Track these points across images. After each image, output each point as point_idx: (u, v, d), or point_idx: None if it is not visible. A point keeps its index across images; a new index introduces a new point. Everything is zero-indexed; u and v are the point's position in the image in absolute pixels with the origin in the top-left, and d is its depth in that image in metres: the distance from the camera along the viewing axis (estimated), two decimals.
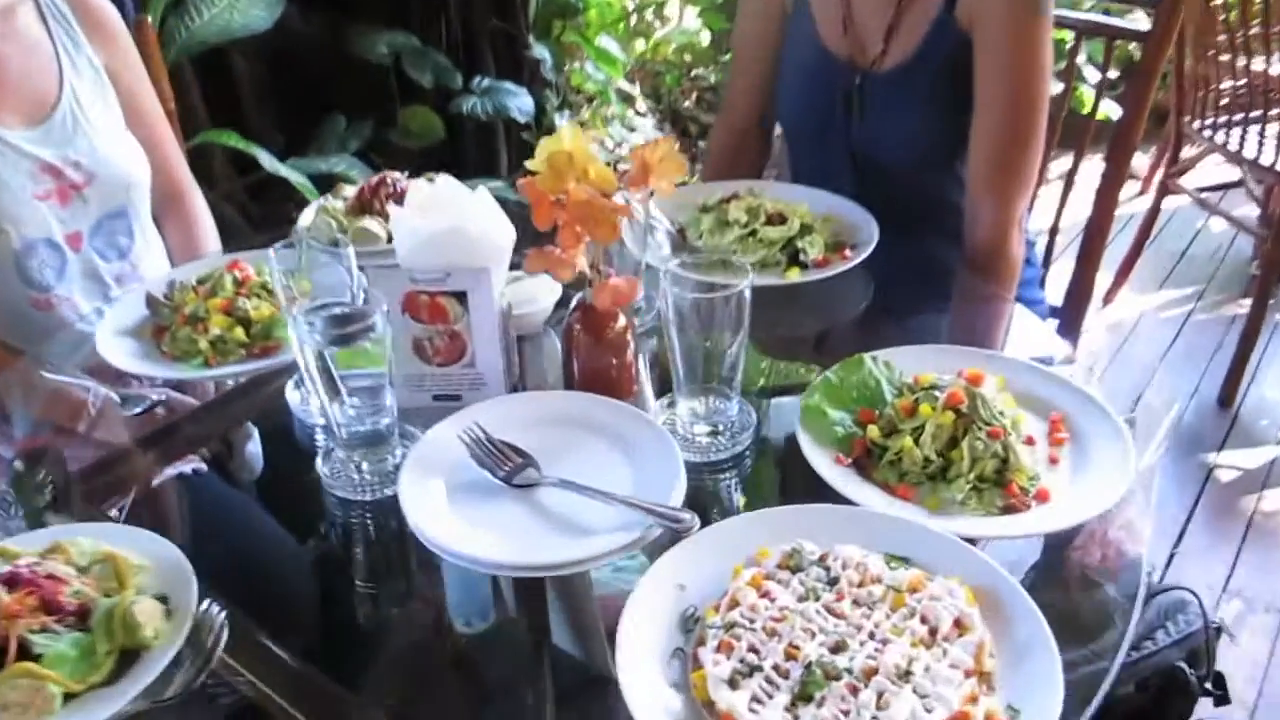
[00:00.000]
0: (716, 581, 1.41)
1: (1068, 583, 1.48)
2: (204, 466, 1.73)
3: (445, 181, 1.78)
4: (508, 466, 1.60)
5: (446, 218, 1.70)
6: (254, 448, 1.75)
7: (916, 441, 1.58)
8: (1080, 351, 2.44)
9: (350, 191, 2.36)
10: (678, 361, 1.64)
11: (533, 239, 1.72)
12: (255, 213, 3.97)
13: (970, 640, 1.31)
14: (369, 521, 1.66)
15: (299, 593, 1.69)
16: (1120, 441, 1.62)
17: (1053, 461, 1.63)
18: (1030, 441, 1.65)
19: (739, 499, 1.70)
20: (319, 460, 1.54)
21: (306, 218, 2.34)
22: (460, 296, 1.70)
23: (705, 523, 1.50)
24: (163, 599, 1.44)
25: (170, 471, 1.93)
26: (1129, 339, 4.22)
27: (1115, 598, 1.49)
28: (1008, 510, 1.53)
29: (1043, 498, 1.56)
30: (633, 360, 1.80)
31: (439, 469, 1.63)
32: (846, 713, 1.23)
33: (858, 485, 1.57)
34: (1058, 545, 1.52)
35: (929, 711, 1.23)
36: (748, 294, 1.58)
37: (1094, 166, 2.67)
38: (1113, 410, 1.66)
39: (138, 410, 1.91)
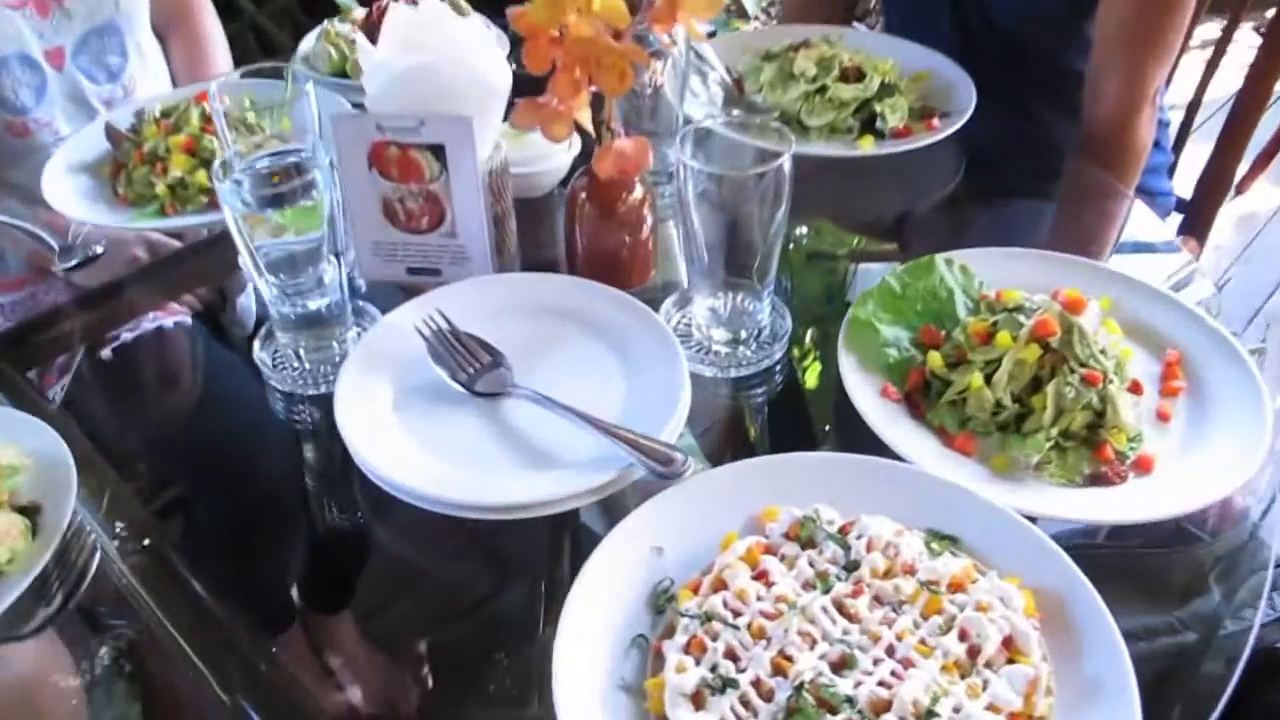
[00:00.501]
0: (705, 548, 1.07)
1: (1154, 533, 1.18)
2: (187, 319, 1.52)
3: (431, 5, 1.37)
4: (471, 369, 1.25)
5: (424, 52, 1.30)
6: (247, 300, 1.52)
7: (988, 380, 1.19)
8: (1206, 255, 1.94)
9: (360, 14, 1.97)
10: (695, 244, 1.25)
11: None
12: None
13: (1022, 672, 0.94)
14: (312, 423, 1.33)
15: (244, 495, 1.38)
16: (1256, 400, 1.21)
17: (1162, 418, 1.23)
18: (1136, 389, 1.24)
19: (758, 435, 1.32)
20: (256, 344, 1.20)
21: (308, 44, 1.97)
22: (437, 151, 1.32)
23: (714, 463, 1.15)
24: (33, 510, 1.13)
25: (149, 324, 1.61)
26: (1260, 235, 3.66)
27: (1216, 558, 1.19)
28: (1096, 480, 1.15)
29: (1144, 467, 1.17)
30: (648, 243, 1.42)
31: (389, 367, 1.29)
32: None
33: (905, 429, 1.20)
34: None
35: None
36: (787, 168, 1.18)
37: (1248, 37, 2.14)
38: (1250, 359, 1.23)
39: (72, 264, 1.59)
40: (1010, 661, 0.98)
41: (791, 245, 1.58)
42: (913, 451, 1.17)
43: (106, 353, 1.55)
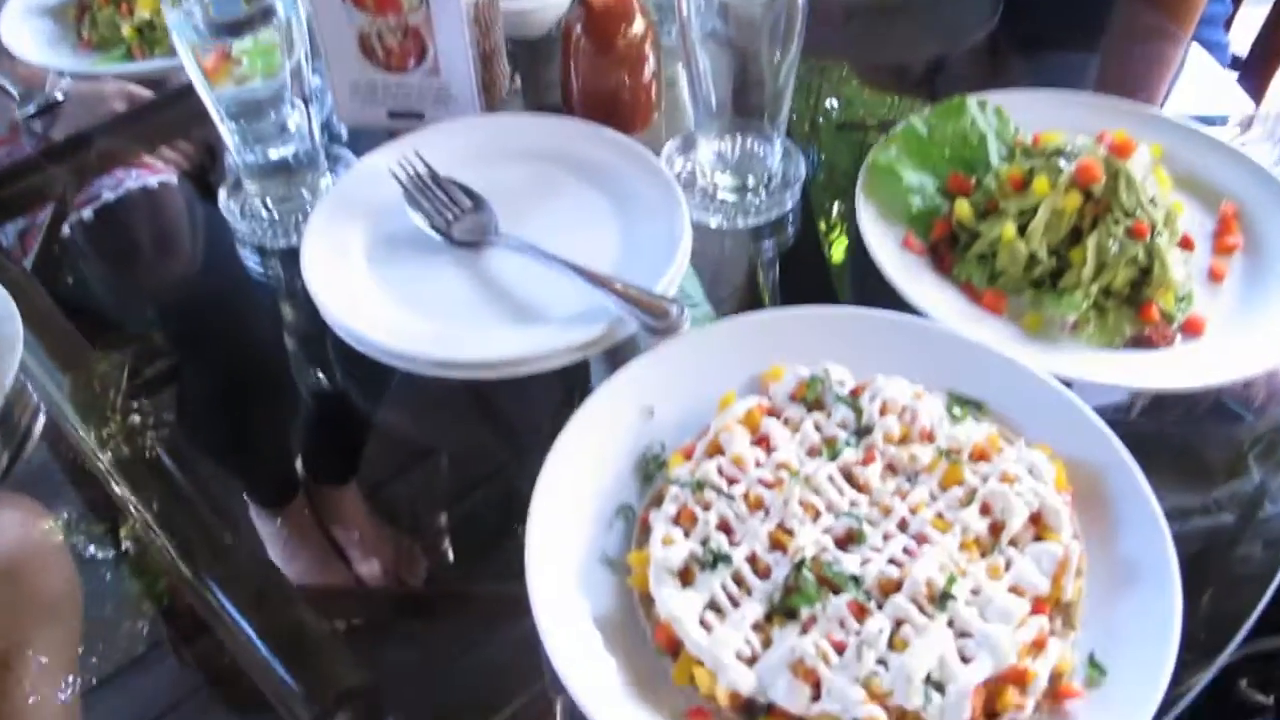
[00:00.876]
0: (701, 410, 0.95)
1: (1192, 408, 1.07)
2: (173, 178, 1.38)
3: None
4: (450, 215, 1.11)
5: None
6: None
7: (1022, 231, 1.04)
8: (1266, 107, 1.75)
9: None
10: (700, 81, 1.10)
11: None
12: None
13: (1050, 551, 0.82)
14: (285, 280, 1.20)
15: (232, 363, 1.28)
16: None
17: (1215, 277, 1.09)
18: (1187, 244, 1.10)
19: (768, 290, 1.18)
20: (223, 193, 1.06)
21: None
22: None
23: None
24: None
25: (133, 183, 1.47)
26: None
27: (1257, 437, 1.08)
28: (1139, 343, 1.01)
29: (1193, 329, 1.03)
30: (651, 86, 1.26)
31: (362, 216, 1.16)
32: (841, 648, 0.76)
33: (928, 284, 1.06)
34: None
35: (966, 661, 0.75)
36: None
37: None
38: None
39: (31, 111, 1.45)
40: (1037, 539, 0.86)
41: (821, 119, 1.42)
42: (935, 308, 1.04)
43: (88, 213, 1.42)
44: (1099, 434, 0.92)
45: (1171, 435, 1.10)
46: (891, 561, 0.84)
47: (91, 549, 1.08)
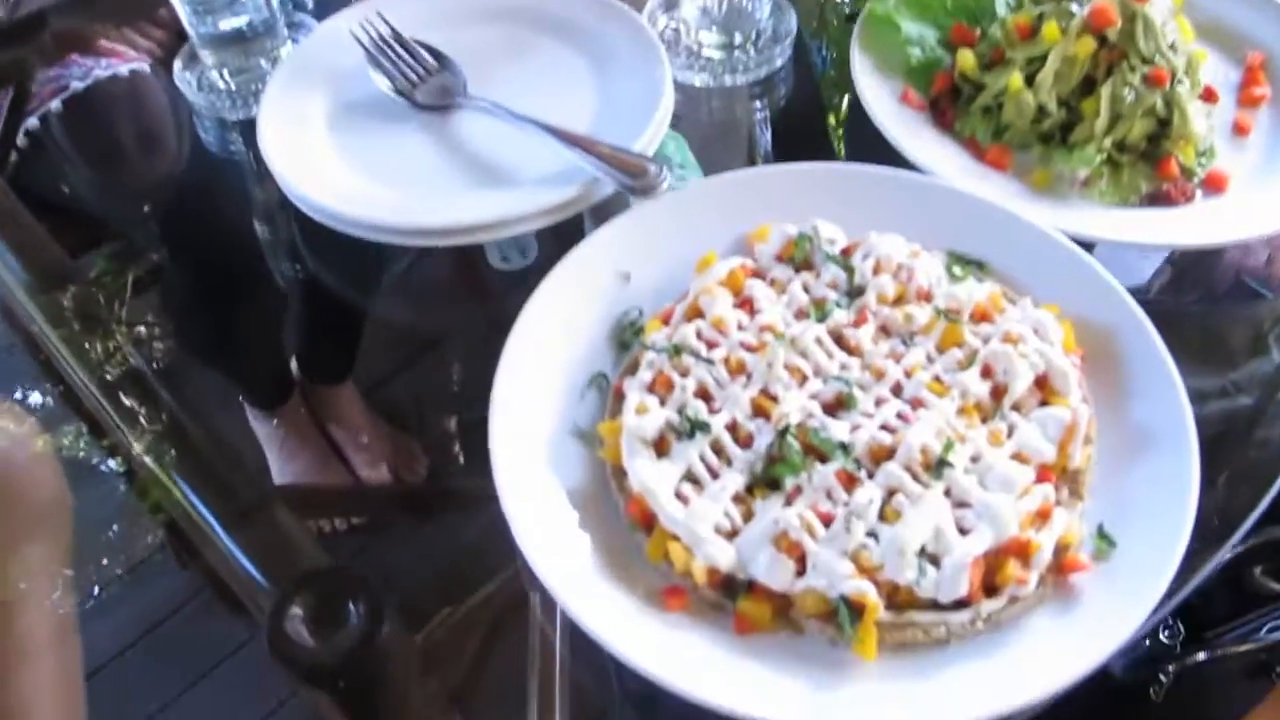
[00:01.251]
0: (681, 275, 0.86)
1: (1211, 287, 1.03)
2: (145, 66, 1.24)
3: None
4: (414, 77, 1.01)
5: None
6: None
7: (1030, 81, 0.94)
8: None
9: None
10: None
11: None
12: None
13: (1056, 416, 0.74)
14: (246, 154, 1.11)
15: (209, 256, 1.21)
16: None
17: (1240, 130, 1.00)
18: (1210, 96, 0.99)
19: (758, 151, 1.09)
20: (178, 64, 0.97)
21: None
22: None
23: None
24: None
25: (103, 71, 1.36)
26: None
27: (1278, 317, 1.02)
28: (1157, 200, 0.92)
29: (1215, 185, 0.94)
30: None
31: (322, 82, 1.07)
32: (828, 520, 0.69)
33: (928, 140, 0.97)
34: None
35: (963, 533, 0.68)
36: None
37: None
38: None
39: None
40: (1043, 404, 0.78)
41: (831, 14, 1.29)
42: (935, 165, 0.95)
43: (56, 104, 1.30)
44: (1111, 292, 0.84)
45: (1190, 316, 1.04)
46: (884, 428, 0.76)
47: (88, 459, 1.02)
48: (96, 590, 1.04)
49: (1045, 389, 0.79)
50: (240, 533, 0.95)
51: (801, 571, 0.72)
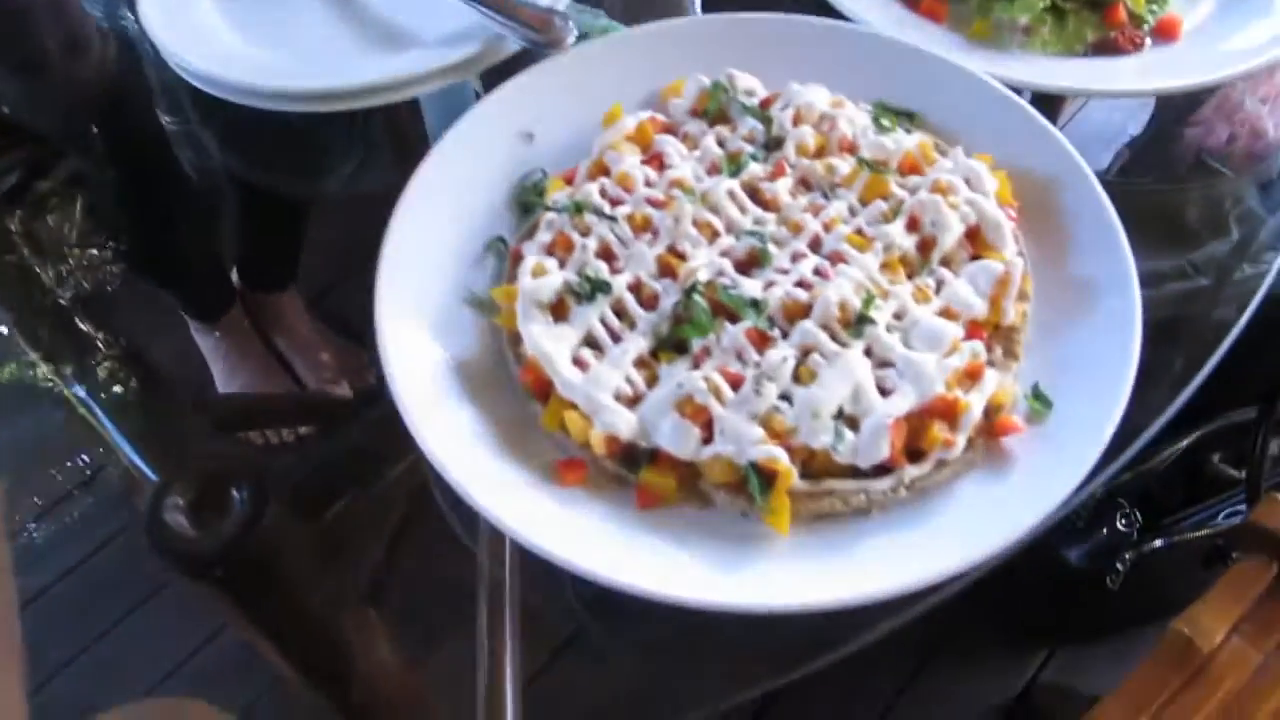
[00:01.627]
0: (590, 134, 0.78)
1: (1171, 168, 1.00)
2: None
3: None
4: None
5: None
6: None
7: None
8: None
9: None
10: None
11: None
12: None
13: (988, 269, 0.67)
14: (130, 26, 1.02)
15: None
16: None
17: None
18: None
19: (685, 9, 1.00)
20: None
21: None
22: None
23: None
24: None
25: None
26: None
27: (1237, 197, 0.98)
28: (1104, 49, 0.84)
29: (1166, 33, 0.84)
30: None
31: None
32: (737, 382, 0.61)
33: None
34: (1166, 114, 1.05)
35: (885, 394, 0.61)
36: None
37: None
38: None
39: None
40: (975, 259, 0.70)
41: None
42: (865, 14, 0.85)
43: None
44: (1051, 141, 0.76)
45: (1149, 195, 1.00)
46: (800, 284, 0.68)
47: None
48: (35, 520, 0.96)
49: (977, 242, 0.72)
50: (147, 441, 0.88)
51: (708, 438, 0.64)
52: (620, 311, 0.70)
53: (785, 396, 0.65)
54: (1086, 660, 1.55)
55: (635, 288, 0.70)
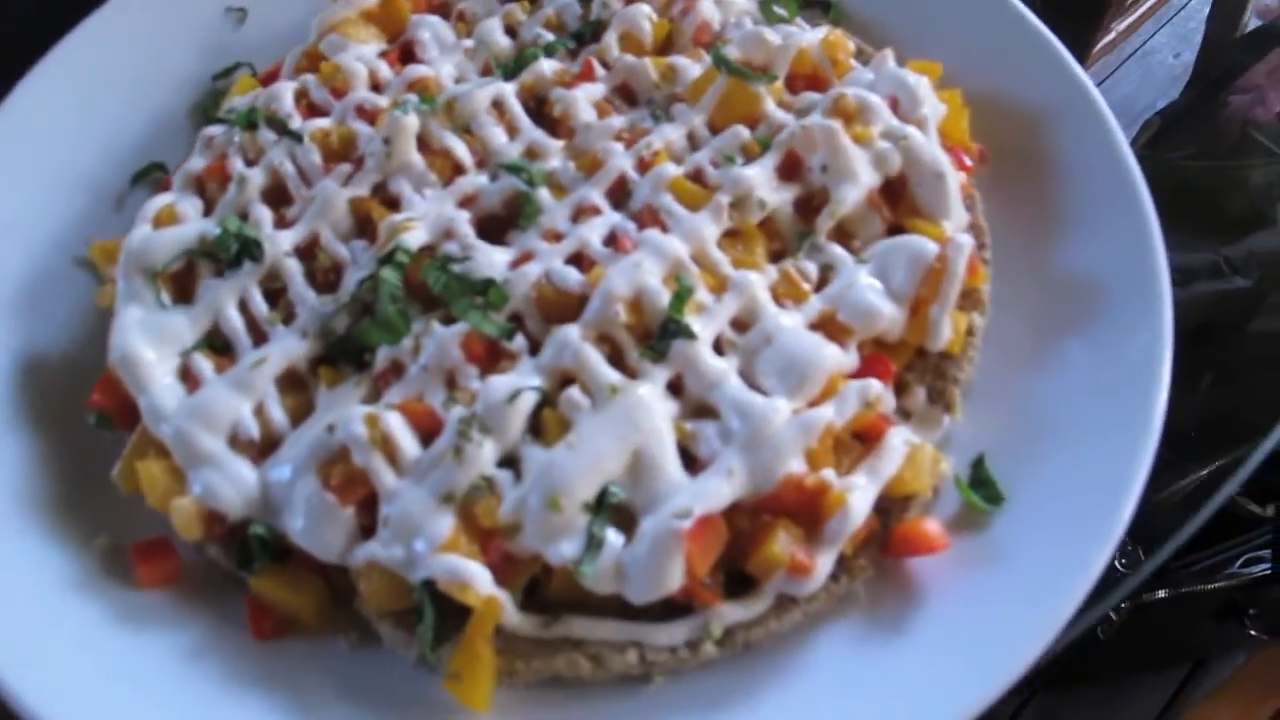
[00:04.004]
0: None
1: (1211, 143, 0.75)
2: None
3: None
4: None
5: None
6: None
7: None
8: None
9: None
10: None
11: None
12: None
13: (913, 250, 0.35)
14: None
15: None
16: None
17: None
18: None
19: None
20: None
21: None
22: None
23: None
24: None
25: None
26: None
27: None
28: None
29: None
30: None
31: None
32: (430, 434, 0.30)
33: None
34: (1207, 76, 0.82)
35: (694, 465, 0.28)
36: None
37: None
38: None
39: None
40: (896, 231, 0.38)
41: None
42: None
43: None
44: (1040, 48, 0.44)
45: (1181, 173, 0.79)
46: (573, 260, 0.36)
47: None
48: None
49: (902, 204, 0.40)
50: None
51: (370, 526, 0.33)
52: (274, 291, 0.38)
53: (510, 461, 0.33)
54: (1068, 706, 1.27)
55: (308, 252, 0.39)
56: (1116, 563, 1.14)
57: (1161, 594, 1.05)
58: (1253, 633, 0.87)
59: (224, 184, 0.44)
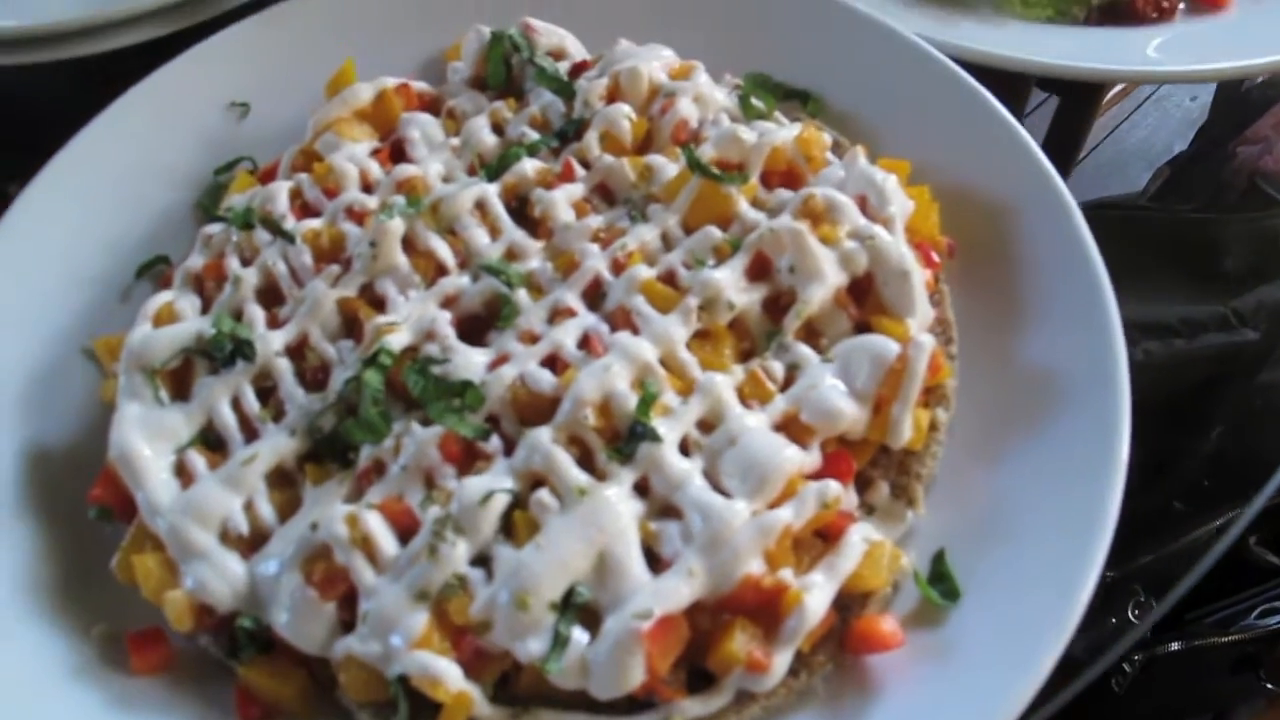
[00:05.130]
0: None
1: (1219, 193, 0.74)
2: None
3: None
4: None
5: None
6: None
7: None
8: None
9: None
10: None
11: None
12: None
13: (875, 351, 0.38)
14: None
15: None
16: None
17: None
18: None
19: None
20: None
21: None
22: None
23: None
24: None
25: None
26: None
27: None
28: (1114, 17, 0.51)
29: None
30: None
31: None
32: (408, 533, 0.32)
33: None
34: (1216, 127, 0.81)
35: (657, 568, 0.31)
36: None
37: None
38: None
39: None
40: (863, 329, 0.40)
41: None
42: None
43: None
44: (1013, 145, 0.46)
45: (1190, 224, 0.78)
46: (549, 361, 0.38)
47: None
48: None
49: (869, 301, 0.41)
50: None
51: (350, 621, 0.35)
52: (265, 386, 0.40)
53: (483, 560, 0.35)
54: None
55: (298, 351, 0.41)
56: (1130, 614, 1.15)
57: (1175, 646, 1.05)
58: (1269, 685, 0.87)
59: (221, 282, 0.47)
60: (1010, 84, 0.56)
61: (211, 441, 0.42)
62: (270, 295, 0.45)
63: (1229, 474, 0.66)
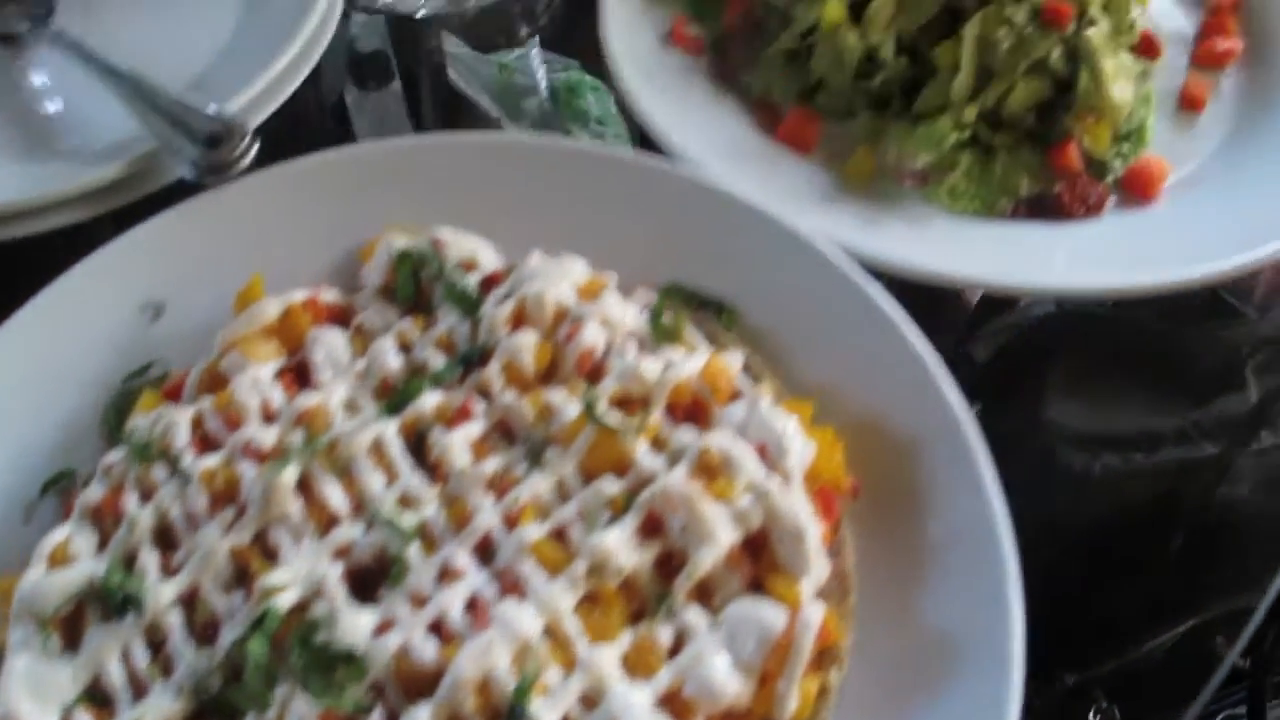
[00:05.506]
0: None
1: (1180, 302, 0.69)
2: None
3: None
4: None
5: None
6: None
7: (858, 15, 0.54)
8: None
9: None
10: None
11: None
12: None
13: (762, 621, 0.36)
14: None
15: None
16: None
17: (1191, 104, 0.59)
18: (1149, 48, 0.59)
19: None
20: None
21: None
22: None
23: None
24: None
25: None
26: None
27: (1261, 341, 0.75)
28: (1042, 210, 0.52)
29: (1141, 188, 0.53)
30: None
31: None
32: None
33: (694, 102, 0.58)
34: None
35: None
36: None
37: None
38: None
39: None
40: (756, 587, 0.40)
41: None
42: (693, 142, 0.55)
43: None
44: (925, 384, 0.46)
45: (1148, 333, 0.77)
46: (435, 627, 0.38)
47: None
48: None
49: (763, 558, 0.41)
50: None
51: None
52: (156, 641, 0.40)
53: None
54: None
55: (190, 601, 0.41)
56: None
57: None
58: None
59: (119, 519, 0.46)
60: None
61: (99, 699, 0.42)
62: (166, 536, 0.45)
63: (1191, 583, 0.66)
